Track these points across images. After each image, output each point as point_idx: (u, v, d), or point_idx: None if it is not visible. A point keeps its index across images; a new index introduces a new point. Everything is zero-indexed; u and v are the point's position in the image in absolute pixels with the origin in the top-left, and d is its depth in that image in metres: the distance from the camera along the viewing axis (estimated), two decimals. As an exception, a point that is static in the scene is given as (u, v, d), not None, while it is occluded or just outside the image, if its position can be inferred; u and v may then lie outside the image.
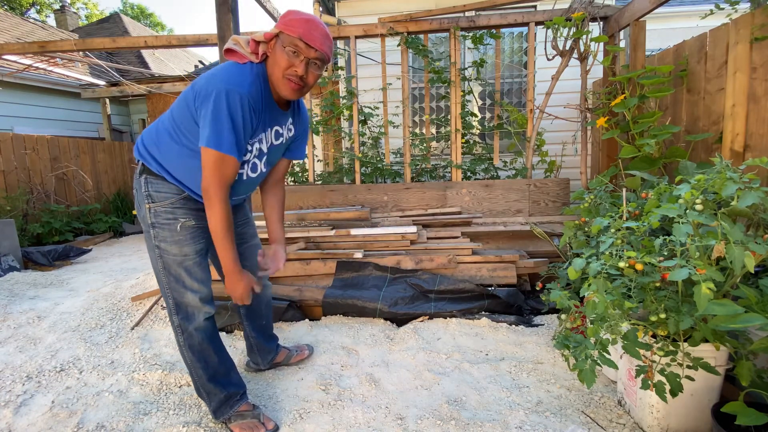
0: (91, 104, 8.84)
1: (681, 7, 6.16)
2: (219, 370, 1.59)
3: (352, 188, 3.45)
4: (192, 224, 1.45)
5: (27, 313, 2.86)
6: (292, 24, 1.30)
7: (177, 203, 1.43)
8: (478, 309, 2.51)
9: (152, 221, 1.43)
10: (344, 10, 4.97)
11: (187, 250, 1.45)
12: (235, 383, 1.63)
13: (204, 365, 1.55)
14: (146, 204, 1.42)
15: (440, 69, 3.53)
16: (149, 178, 1.43)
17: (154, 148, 1.43)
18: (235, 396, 1.62)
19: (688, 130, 2.44)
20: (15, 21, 9.86)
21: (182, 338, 1.53)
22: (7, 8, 17.33)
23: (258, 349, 1.95)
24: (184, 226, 1.43)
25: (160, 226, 1.43)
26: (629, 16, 2.74)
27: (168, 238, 1.43)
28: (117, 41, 3.67)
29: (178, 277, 1.47)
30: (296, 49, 1.31)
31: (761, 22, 1.90)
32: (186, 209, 1.44)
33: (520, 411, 1.65)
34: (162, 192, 1.42)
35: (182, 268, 1.46)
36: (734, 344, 1.29)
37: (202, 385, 1.58)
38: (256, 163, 1.48)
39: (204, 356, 1.55)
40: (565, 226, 2.16)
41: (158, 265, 1.47)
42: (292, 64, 1.32)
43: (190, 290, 1.48)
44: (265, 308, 1.90)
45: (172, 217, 1.42)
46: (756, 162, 1.34)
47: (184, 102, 1.37)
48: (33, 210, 5.66)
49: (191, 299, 1.49)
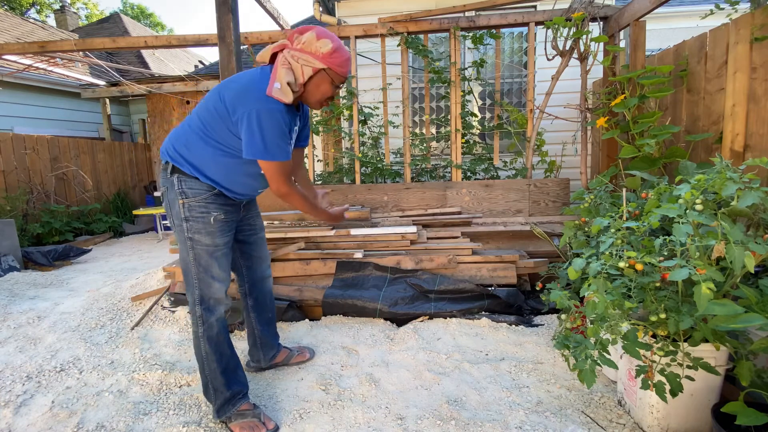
0: (91, 104, 8.84)
1: (681, 7, 6.16)
2: (230, 364, 1.65)
3: (352, 188, 3.45)
4: (222, 218, 1.58)
5: (27, 313, 2.86)
6: (342, 65, 1.49)
7: (209, 198, 1.56)
8: (478, 309, 2.50)
9: (186, 215, 1.54)
10: (344, 10, 4.97)
11: (218, 241, 1.58)
12: (240, 381, 1.68)
13: (219, 357, 1.62)
14: (180, 200, 1.54)
15: (440, 69, 3.53)
16: (181, 177, 1.55)
17: (185, 150, 1.54)
18: (238, 395, 1.64)
19: (688, 130, 2.44)
20: (15, 21, 9.87)
21: (202, 329, 1.60)
22: (7, 8, 17.33)
23: (262, 343, 1.98)
24: (216, 219, 1.57)
25: (194, 219, 1.55)
26: (629, 16, 2.73)
27: (201, 230, 1.55)
28: (117, 41, 3.67)
29: (207, 268, 1.58)
30: (341, 82, 1.53)
31: (761, 22, 1.90)
32: (217, 204, 1.57)
33: (520, 411, 1.65)
34: (194, 189, 1.55)
35: (213, 258, 1.58)
36: (734, 344, 1.29)
37: (212, 380, 1.62)
38: None
39: (220, 348, 1.62)
40: (565, 226, 2.16)
41: (189, 256, 1.57)
42: (329, 94, 1.55)
43: (217, 280, 1.60)
44: (270, 301, 1.98)
45: (205, 211, 1.55)
46: (756, 162, 1.34)
47: (216, 113, 1.49)
48: (33, 210, 5.67)
49: (217, 289, 1.60)
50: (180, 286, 2.87)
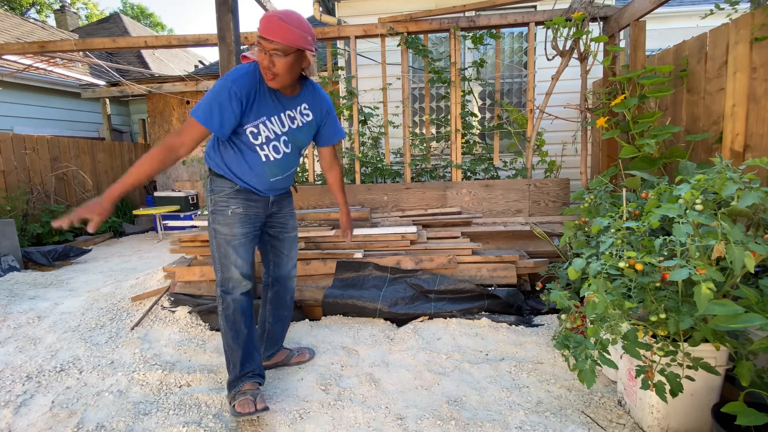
0: (91, 104, 8.84)
1: (681, 7, 6.15)
2: (247, 343, 1.77)
3: (352, 188, 3.45)
4: (240, 211, 1.73)
5: (27, 313, 2.86)
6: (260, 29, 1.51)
7: (231, 194, 1.72)
8: (478, 309, 2.50)
9: (212, 209, 1.74)
10: (344, 10, 4.97)
11: (235, 231, 1.73)
12: (255, 362, 1.78)
13: (234, 334, 1.75)
14: (210, 196, 1.75)
15: (440, 69, 3.53)
16: (212, 177, 1.75)
17: (212, 151, 1.74)
18: (248, 374, 1.74)
19: (688, 130, 2.44)
20: (15, 21, 9.86)
21: (221, 307, 1.77)
22: (7, 8, 17.33)
23: (268, 336, 2.04)
24: (234, 212, 1.72)
25: (218, 211, 1.72)
26: (629, 16, 2.73)
27: (221, 221, 1.72)
28: (117, 41, 3.66)
29: (226, 254, 1.73)
30: (260, 46, 1.52)
31: (761, 22, 1.90)
32: (238, 199, 1.73)
33: (520, 411, 1.65)
34: (219, 186, 1.73)
35: (230, 246, 1.73)
36: (734, 344, 1.29)
37: (230, 355, 1.76)
38: (276, 145, 1.71)
39: (236, 326, 1.75)
40: (565, 226, 2.16)
41: (213, 244, 1.76)
42: (262, 59, 1.54)
43: (234, 265, 1.74)
44: (289, 299, 2.05)
45: (225, 205, 1.72)
46: (756, 162, 1.34)
47: None
48: (33, 210, 5.67)
49: (234, 273, 1.75)
50: (180, 286, 2.87)
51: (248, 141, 1.66)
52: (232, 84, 1.54)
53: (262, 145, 1.68)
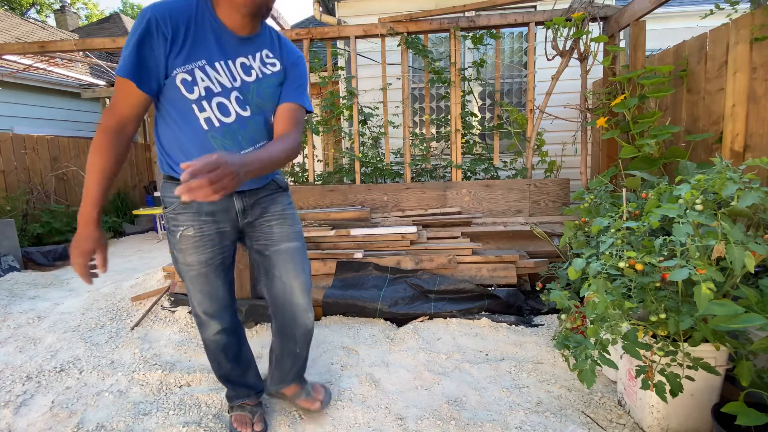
0: (91, 104, 8.83)
1: (681, 7, 6.15)
2: (232, 374, 1.60)
3: (352, 188, 3.45)
4: (191, 234, 1.31)
5: (27, 313, 2.86)
6: None
7: (178, 208, 1.31)
8: (478, 309, 2.50)
9: (166, 226, 1.37)
10: (344, 10, 4.97)
11: (190, 260, 1.34)
12: (249, 384, 1.65)
13: (216, 366, 1.59)
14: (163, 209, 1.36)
15: (440, 69, 3.52)
16: (163, 181, 1.34)
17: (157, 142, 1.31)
18: (242, 395, 1.63)
19: (688, 130, 2.44)
20: (15, 21, 9.86)
21: (201, 338, 1.54)
22: (7, 8, 17.33)
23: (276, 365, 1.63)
24: (183, 235, 1.31)
25: (170, 232, 1.36)
26: (629, 16, 2.73)
27: (175, 245, 1.35)
28: (117, 41, 3.66)
29: (187, 286, 1.41)
30: None
31: (761, 22, 1.90)
32: (187, 215, 1.31)
33: (520, 411, 1.65)
34: (167, 193, 1.33)
35: (187, 278, 1.38)
36: (734, 344, 1.29)
37: (218, 377, 1.62)
38: (223, 103, 1.22)
39: (217, 360, 1.57)
40: (565, 226, 2.16)
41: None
42: None
43: (195, 301, 1.41)
44: (299, 335, 1.54)
45: (174, 225, 1.33)
46: (756, 162, 1.34)
47: None
48: (33, 210, 5.66)
49: (197, 310, 1.44)
50: (180, 286, 2.87)
51: (182, 99, 1.18)
52: (153, 12, 1.11)
53: (200, 101, 1.19)
